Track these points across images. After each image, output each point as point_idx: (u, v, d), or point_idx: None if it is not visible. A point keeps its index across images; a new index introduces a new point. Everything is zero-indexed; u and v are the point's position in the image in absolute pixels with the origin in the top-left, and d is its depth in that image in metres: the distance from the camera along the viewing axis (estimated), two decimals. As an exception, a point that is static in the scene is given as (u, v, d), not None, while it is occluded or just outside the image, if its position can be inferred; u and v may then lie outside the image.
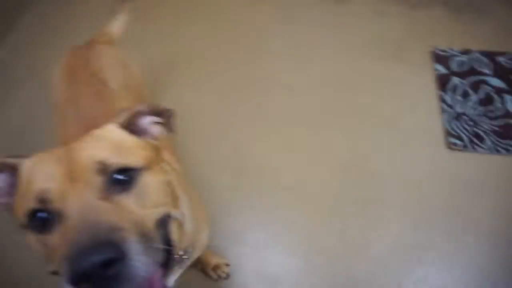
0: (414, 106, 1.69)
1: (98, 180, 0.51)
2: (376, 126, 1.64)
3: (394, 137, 1.60)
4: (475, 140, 1.54)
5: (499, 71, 1.76)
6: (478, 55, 1.83)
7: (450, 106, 1.66)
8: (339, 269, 1.29)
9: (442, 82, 1.74)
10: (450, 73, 1.77)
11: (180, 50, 1.99)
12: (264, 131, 1.65)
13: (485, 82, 1.73)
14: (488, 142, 1.53)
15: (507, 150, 1.51)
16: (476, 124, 1.59)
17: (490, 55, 1.82)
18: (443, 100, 1.68)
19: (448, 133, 1.57)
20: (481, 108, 1.64)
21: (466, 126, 1.59)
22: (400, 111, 1.68)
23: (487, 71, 1.77)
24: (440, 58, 1.83)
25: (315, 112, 1.70)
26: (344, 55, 1.91)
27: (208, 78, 1.85)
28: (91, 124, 0.86)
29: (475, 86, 1.72)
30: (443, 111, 1.64)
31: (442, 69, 1.78)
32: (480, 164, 1.50)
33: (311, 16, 2.09)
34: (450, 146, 1.54)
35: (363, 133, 1.62)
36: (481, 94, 1.69)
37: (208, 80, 1.84)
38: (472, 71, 1.77)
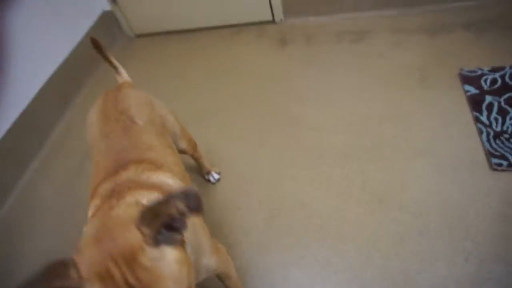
0: (448, 131, 1.61)
1: None
2: (410, 155, 1.57)
3: (430, 165, 1.51)
4: (523, 158, 1.42)
5: (538, 84, 1.65)
6: (510, 70, 1.74)
7: (487, 125, 1.56)
8: (386, 311, 1.18)
9: (475, 102, 1.66)
10: (483, 92, 1.69)
11: (210, 102, 2.09)
12: (294, 172, 1.63)
13: (523, 97, 1.62)
14: (538, 159, 1.40)
15: (562, 164, 1.37)
16: (520, 141, 1.47)
17: (524, 69, 1.72)
18: (479, 121, 1.58)
19: (490, 154, 1.46)
20: (523, 124, 1.53)
21: (509, 144, 1.47)
22: (434, 138, 1.60)
23: (523, 86, 1.67)
24: (468, 79, 1.76)
25: (345, 149, 1.67)
26: (368, 90, 1.89)
27: (238, 125, 1.91)
28: (120, 155, 0.99)
29: (513, 103, 1.62)
30: (480, 132, 1.55)
31: (472, 90, 1.71)
32: (533, 183, 1.36)
33: (331, 59, 2.13)
34: (495, 168, 1.42)
35: (397, 165, 1.55)
36: (521, 109, 1.58)
37: (238, 128, 1.90)
38: (507, 87, 1.68)
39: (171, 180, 0.96)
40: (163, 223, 0.58)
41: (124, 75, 1.38)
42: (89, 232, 0.66)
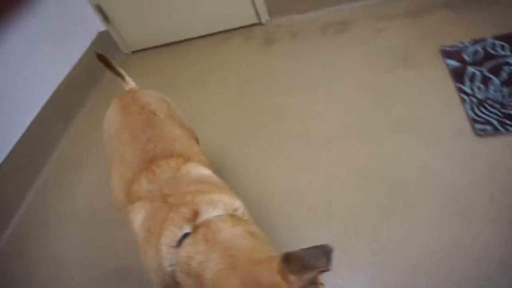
0: (432, 105, 1.60)
1: None
2: (396, 131, 1.57)
3: (415, 139, 1.51)
4: (507, 121, 1.40)
5: (520, 50, 1.64)
6: (492, 40, 1.73)
7: (470, 95, 1.55)
8: (375, 276, 1.17)
9: (458, 75, 1.65)
10: (465, 64, 1.68)
11: (202, 105, 2.15)
12: (282, 160, 1.65)
13: (506, 64, 1.61)
14: (523, 120, 1.39)
15: (548, 123, 1.35)
16: (503, 105, 1.46)
17: (505, 37, 1.71)
18: (462, 91, 1.58)
19: (474, 121, 1.45)
20: (506, 89, 1.51)
21: (493, 110, 1.46)
22: (418, 113, 1.60)
23: (506, 53, 1.65)
24: (450, 53, 1.76)
25: (330, 133, 1.68)
26: (352, 76, 1.91)
27: (228, 123, 1.95)
28: (146, 145, 1.01)
29: (496, 70, 1.60)
30: (464, 101, 1.54)
31: (454, 63, 1.71)
32: (518, 145, 1.34)
33: (315, 51, 2.17)
34: (479, 133, 1.41)
35: (383, 142, 1.55)
36: (503, 75, 1.57)
37: (228, 126, 1.94)
38: (489, 57, 1.67)
39: (206, 171, 0.98)
40: (313, 277, 0.61)
41: (131, 83, 1.44)
42: (213, 265, 0.69)
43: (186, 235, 0.77)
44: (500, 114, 1.43)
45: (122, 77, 1.45)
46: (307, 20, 2.43)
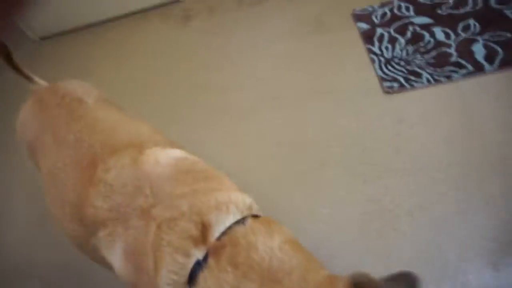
0: (344, 68, 1.61)
1: None
2: (313, 96, 1.56)
3: (328, 102, 1.51)
4: (412, 77, 1.44)
5: (422, 9, 1.68)
6: (398, 2, 1.77)
7: (378, 55, 1.57)
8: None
9: (368, 37, 1.67)
10: (374, 26, 1.70)
11: (122, 89, 1.93)
12: (203, 134, 1.58)
13: (410, 24, 1.65)
14: (426, 75, 1.42)
15: (447, 76, 1.39)
16: (408, 63, 1.49)
17: (410, -1, 1.76)
18: (371, 52, 1.59)
19: (382, 79, 1.47)
20: (410, 47, 1.55)
21: (399, 67, 1.49)
22: (331, 77, 1.60)
23: (410, 14, 1.69)
24: (361, 17, 1.77)
25: (248, 104, 1.63)
26: (270, 47, 1.87)
27: (148, 106, 1.83)
28: (80, 145, 0.75)
29: (401, 30, 1.64)
30: (373, 61, 1.56)
31: (364, 26, 1.72)
32: (422, 99, 1.38)
33: (232, 25, 2.10)
34: (387, 91, 1.43)
35: (297, 108, 1.54)
36: (408, 35, 1.60)
37: (148, 108, 1.81)
38: (395, 18, 1.70)
39: (177, 152, 0.76)
40: None
41: (43, 85, 1.08)
42: None
43: (198, 263, 0.55)
44: (405, 71, 1.46)
45: (31, 79, 1.08)
46: (224, -6, 2.35)
